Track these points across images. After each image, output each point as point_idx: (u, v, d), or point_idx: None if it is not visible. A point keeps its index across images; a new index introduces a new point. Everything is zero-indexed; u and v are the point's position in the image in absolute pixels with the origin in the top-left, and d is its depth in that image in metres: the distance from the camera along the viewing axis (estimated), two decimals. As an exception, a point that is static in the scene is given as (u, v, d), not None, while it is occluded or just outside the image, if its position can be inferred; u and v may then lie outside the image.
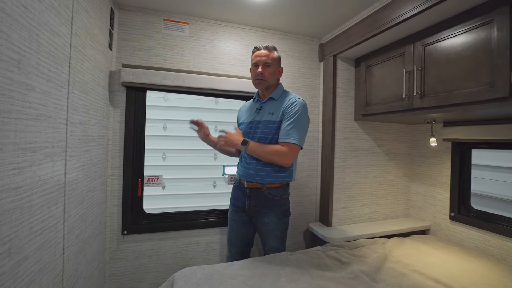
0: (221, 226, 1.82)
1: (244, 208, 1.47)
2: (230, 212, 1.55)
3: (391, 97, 1.59)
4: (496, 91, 1.06)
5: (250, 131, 1.44)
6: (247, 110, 1.54)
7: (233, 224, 1.53)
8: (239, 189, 1.50)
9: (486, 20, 1.11)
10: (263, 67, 1.38)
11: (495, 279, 1.24)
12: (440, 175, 1.87)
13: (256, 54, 1.41)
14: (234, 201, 1.52)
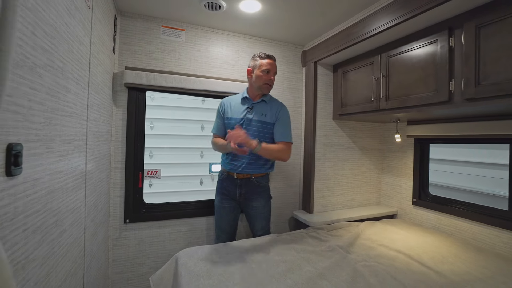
0: (212, 215, 1.98)
1: (234, 196, 1.68)
2: (218, 201, 1.73)
3: (362, 99, 1.85)
4: (439, 96, 1.34)
5: (241, 127, 1.60)
6: (235, 107, 1.68)
7: (223, 211, 1.71)
8: (228, 180, 1.69)
9: (433, 39, 1.39)
10: (273, 75, 1.62)
11: (443, 248, 1.52)
12: (405, 167, 2.17)
13: (269, 62, 1.60)
14: (224, 191, 1.70)
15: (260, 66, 1.60)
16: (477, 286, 1.13)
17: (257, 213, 1.70)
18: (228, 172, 1.68)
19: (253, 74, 1.62)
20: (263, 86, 1.62)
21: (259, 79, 1.61)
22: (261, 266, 1.23)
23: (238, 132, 1.41)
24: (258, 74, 1.60)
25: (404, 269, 1.27)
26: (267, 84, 1.62)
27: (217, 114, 1.74)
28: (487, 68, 1.16)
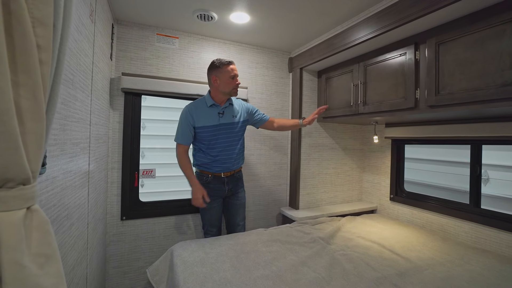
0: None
1: (223, 194, 1.83)
2: (207, 202, 1.78)
3: (343, 104, 2.01)
4: (407, 103, 1.51)
5: (218, 133, 1.73)
6: (206, 115, 1.71)
7: (212, 211, 1.83)
8: (215, 181, 1.79)
9: (402, 52, 1.56)
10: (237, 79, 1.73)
11: (414, 238, 1.70)
12: (383, 166, 2.35)
13: (233, 67, 1.67)
14: (211, 192, 1.77)
15: (226, 72, 1.65)
16: (437, 268, 1.30)
17: (241, 202, 1.91)
18: (214, 174, 1.79)
19: (219, 81, 1.67)
20: (233, 91, 1.71)
21: (228, 85, 1.67)
22: (250, 256, 1.37)
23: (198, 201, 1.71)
24: (227, 81, 1.66)
25: (376, 256, 1.43)
26: (236, 88, 1.72)
27: (184, 123, 1.70)
28: (445, 79, 1.34)
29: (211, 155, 1.75)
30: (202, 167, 1.80)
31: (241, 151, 1.87)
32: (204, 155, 1.77)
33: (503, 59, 1.11)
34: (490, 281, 1.21)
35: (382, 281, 1.17)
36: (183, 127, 1.72)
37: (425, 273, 1.26)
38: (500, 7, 1.14)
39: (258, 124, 1.96)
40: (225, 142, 1.76)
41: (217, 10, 1.72)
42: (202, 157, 1.78)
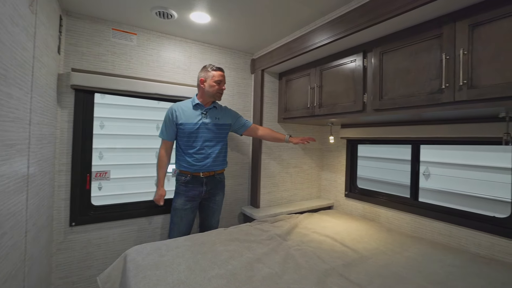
0: (164, 213, 2.07)
1: (200, 195, 1.84)
2: (181, 203, 1.81)
3: (301, 106, 2.10)
4: (356, 106, 1.63)
5: (199, 131, 1.79)
6: (188, 113, 1.81)
7: (183, 213, 1.82)
8: (193, 181, 1.82)
9: (353, 59, 1.67)
10: (224, 85, 1.85)
11: (363, 231, 1.84)
12: (339, 164, 2.50)
13: (221, 74, 1.82)
14: (188, 193, 1.82)
15: (213, 77, 1.79)
16: (379, 257, 1.43)
17: (217, 206, 1.95)
18: (192, 174, 1.80)
19: (206, 83, 1.80)
20: (217, 95, 1.83)
21: (213, 89, 1.80)
22: (206, 256, 1.37)
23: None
24: (212, 84, 1.79)
25: (328, 249, 1.52)
26: (220, 92, 1.83)
27: (167, 120, 1.82)
28: (387, 86, 1.47)
29: (190, 153, 1.79)
30: (181, 167, 1.83)
31: (223, 153, 1.91)
32: (183, 154, 1.81)
33: (431, 70, 1.26)
34: (422, 264, 1.36)
35: (330, 272, 1.25)
36: (166, 124, 1.83)
37: (369, 262, 1.37)
38: (431, 23, 1.29)
39: (242, 130, 2.03)
40: (205, 141, 1.81)
41: (177, 9, 1.69)
42: (182, 155, 1.82)
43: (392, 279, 1.22)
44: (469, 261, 1.41)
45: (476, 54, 1.11)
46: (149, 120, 3.09)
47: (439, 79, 1.21)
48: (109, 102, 2.84)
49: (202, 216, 1.96)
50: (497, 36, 1.06)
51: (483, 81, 1.09)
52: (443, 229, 1.71)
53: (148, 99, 2.04)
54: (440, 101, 1.21)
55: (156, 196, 1.84)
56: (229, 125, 1.95)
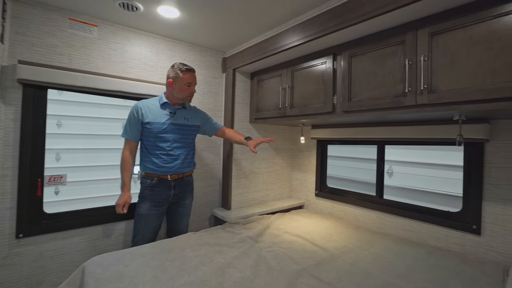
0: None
1: (167, 199, 1.74)
2: (146, 209, 1.69)
3: (273, 106, 2.10)
4: (326, 107, 1.66)
5: (166, 131, 1.69)
6: (155, 112, 1.69)
7: (149, 219, 1.70)
8: (160, 184, 1.71)
9: (323, 61, 1.71)
10: (194, 87, 1.74)
11: (332, 229, 1.88)
12: (310, 164, 2.55)
13: (191, 75, 1.69)
14: (154, 198, 1.70)
15: (182, 79, 1.66)
16: (348, 255, 1.47)
17: (187, 210, 1.87)
18: (159, 176, 1.70)
19: (175, 86, 1.68)
20: (187, 98, 1.74)
21: (183, 92, 1.69)
22: (175, 263, 1.30)
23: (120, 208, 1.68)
24: (181, 87, 1.68)
25: (299, 249, 1.53)
26: (190, 96, 1.75)
27: (132, 119, 1.68)
28: (355, 88, 1.52)
29: (157, 154, 1.68)
30: (147, 169, 1.70)
31: (191, 155, 1.83)
32: (150, 155, 1.69)
33: (396, 75, 1.32)
34: (386, 259, 1.43)
35: (301, 272, 1.26)
36: (130, 122, 1.69)
37: (338, 261, 1.41)
38: (395, 30, 1.35)
39: (212, 132, 1.97)
40: (173, 142, 1.72)
41: (142, 1, 1.59)
42: (147, 156, 1.70)
43: (360, 276, 1.26)
44: (428, 253, 1.51)
45: (435, 61, 1.18)
46: (114, 119, 2.89)
47: (403, 83, 1.28)
48: (68, 99, 2.61)
49: (170, 221, 1.87)
50: (452, 45, 1.14)
51: (441, 87, 1.16)
52: (405, 225, 1.81)
53: (112, 97, 1.90)
54: (404, 104, 1.27)
55: (120, 200, 1.68)
56: (198, 127, 1.87)
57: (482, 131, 1.41)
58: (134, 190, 1.80)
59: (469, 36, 1.09)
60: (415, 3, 1.14)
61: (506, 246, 1.41)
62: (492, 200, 1.46)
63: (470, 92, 1.07)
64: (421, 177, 2.88)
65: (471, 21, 1.09)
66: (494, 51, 1.03)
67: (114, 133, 2.85)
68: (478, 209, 1.50)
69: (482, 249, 1.49)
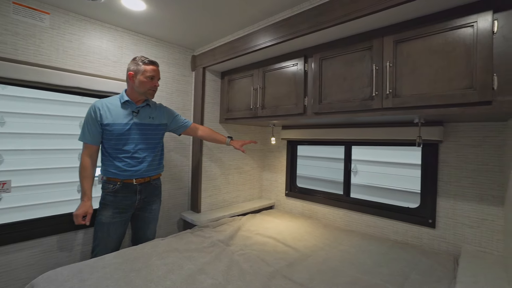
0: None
1: (132, 205, 1.62)
2: (108, 216, 1.56)
3: (244, 106, 2.08)
4: (298, 109, 1.69)
5: (129, 132, 1.56)
6: (116, 112, 1.56)
7: (111, 227, 1.57)
8: (124, 189, 1.58)
9: (295, 62, 1.72)
10: (157, 81, 1.63)
11: (303, 229, 1.92)
12: (280, 164, 2.58)
13: (153, 68, 1.58)
14: (118, 204, 1.57)
15: (144, 71, 1.55)
16: (318, 253, 1.51)
17: (154, 215, 1.76)
18: (123, 181, 1.57)
19: (136, 79, 1.56)
20: (149, 92, 1.61)
21: (144, 85, 1.57)
22: (141, 273, 1.22)
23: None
24: (143, 80, 1.56)
25: (271, 251, 1.53)
26: (152, 90, 1.62)
27: (90, 120, 1.52)
28: (326, 90, 1.55)
29: (120, 158, 1.55)
30: (109, 173, 1.56)
31: (159, 157, 1.73)
32: (112, 159, 1.56)
33: (364, 79, 1.37)
34: (354, 256, 1.49)
35: (274, 274, 1.26)
36: (87, 125, 1.53)
37: (309, 260, 1.43)
38: (364, 36, 1.41)
39: (180, 130, 1.87)
40: (138, 143, 1.59)
41: (102, -11, 1.46)
42: (109, 160, 1.56)
43: (330, 274, 1.29)
44: (389, 247, 1.60)
45: (399, 67, 1.25)
46: (70, 117, 2.65)
47: (370, 87, 1.34)
48: (13, 94, 2.33)
49: (136, 228, 1.74)
50: (414, 53, 1.22)
51: (404, 91, 1.24)
52: (369, 221, 1.91)
53: (68, 93, 1.72)
54: (371, 107, 1.33)
55: (79, 210, 1.50)
56: (165, 125, 1.76)
57: (437, 133, 1.54)
58: (94, 194, 1.66)
59: (428, 46, 1.17)
60: (380, 11, 1.20)
61: (455, 237, 1.56)
62: (444, 196, 1.60)
63: (430, 97, 1.16)
64: (382, 175, 3.07)
65: (430, 32, 1.17)
66: (450, 60, 1.12)
67: (70, 132, 2.61)
68: (433, 204, 1.63)
69: (436, 241, 1.62)
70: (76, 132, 2.44)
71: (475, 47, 1.06)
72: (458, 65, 1.10)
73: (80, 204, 1.52)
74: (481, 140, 1.49)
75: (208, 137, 1.95)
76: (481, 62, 1.04)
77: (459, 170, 1.56)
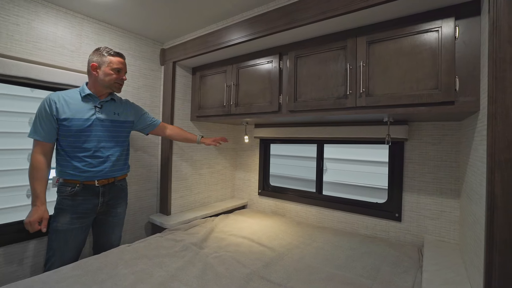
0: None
1: (94, 209, 1.47)
2: (66, 222, 1.39)
3: (217, 104, 2.01)
4: (272, 106, 1.67)
5: (91, 129, 1.42)
6: (76, 106, 1.40)
7: (69, 235, 1.40)
8: (85, 192, 1.43)
9: (270, 60, 1.71)
10: (125, 75, 1.51)
11: (277, 227, 1.91)
12: (253, 163, 2.55)
13: (119, 60, 1.47)
14: (76, 208, 1.41)
15: (109, 63, 1.44)
16: (294, 251, 1.50)
17: (119, 219, 1.63)
18: (83, 182, 1.41)
19: (100, 70, 1.43)
20: (115, 85, 1.49)
21: (109, 78, 1.44)
22: (105, 285, 1.10)
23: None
24: (108, 72, 1.43)
25: (247, 251, 1.49)
26: (119, 83, 1.50)
27: (44, 114, 1.35)
28: (301, 88, 1.56)
29: (79, 157, 1.40)
30: (67, 175, 1.39)
31: (124, 156, 1.60)
32: (69, 158, 1.40)
33: (338, 77, 1.40)
34: (328, 252, 1.51)
35: (251, 276, 1.22)
36: (40, 119, 1.36)
37: (285, 259, 1.42)
38: (338, 35, 1.43)
39: (148, 129, 1.75)
40: (101, 141, 1.45)
41: (57, -33, 1.30)
42: (66, 160, 1.40)
43: (306, 272, 1.29)
44: (360, 242, 1.66)
45: (372, 67, 1.29)
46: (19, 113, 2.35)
47: (344, 86, 1.36)
48: None
49: (98, 234, 1.58)
50: (385, 54, 1.27)
51: (376, 91, 1.28)
52: (341, 217, 1.96)
53: (14, 84, 1.50)
54: (345, 106, 1.36)
55: (33, 216, 1.30)
56: (131, 123, 1.63)
57: (403, 131, 1.63)
58: (49, 198, 1.47)
59: (399, 47, 1.23)
60: (353, 12, 1.23)
61: (418, 228, 1.66)
62: (409, 191, 1.70)
63: (400, 97, 1.21)
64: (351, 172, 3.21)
65: (400, 34, 1.23)
66: (417, 62, 1.18)
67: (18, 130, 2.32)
68: (399, 199, 1.72)
69: (402, 233, 1.72)
70: (25, 130, 2.17)
71: (440, 50, 1.13)
72: (425, 67, 1.16)
73: (32, 210, 1.32)
74: (441, 138, 1.61)
75: (177, 136, 1.85)
76: (445, 64, 1.11)
77: (421, 166, 1.66)
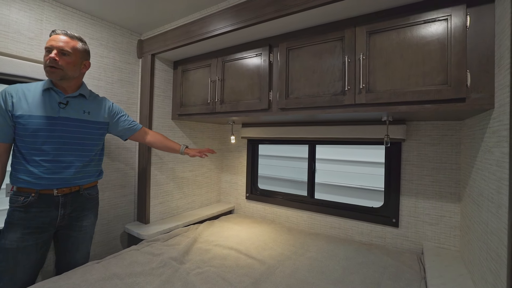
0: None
1: (52, 223, 1.25)
2: (15, 239, 1.17)
3: (200, 101, 1.84)
4: (262, 104, 1.52)
5: (52, 128, 1.21)
6: (35, 101, 1.19)
7: (21, 254, 1.18)
8: (40, 203, 1.21)
9: (258, 52, 1.55)
10: (58, 54, 1.18)
11: (266, 235, 1.76)
12: (240, 165, 2.39)
13: (51, 38, 1.20)
14: (30, 222, 1.19)
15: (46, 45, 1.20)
16: (285, 264, 1.36)
17: (85, 234, 1.40)
18: (39, 191, 1.20)
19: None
20: (47, 70, 1.18)
21: (44, 62, 1.19)
22: (61, 316, 0.91)
23: None
24: (44, 55, 1.19)
25: (233, 266, 1.33)
26: (51, 66, 1.17)
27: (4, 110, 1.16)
28: (293, 84, 1.41)
29: (35, 161, 1.19)
30: (20, 182, 1.18)
31: (95, 162, 1.39)
32: (24, 162, 1.19)
33: (334, 72, 1.27)
34: (323, 263, 1.38)
35: (239, 298, 1.06)
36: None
37: (276, 273, 1.27)
38: (335, 25, 1.30)
39: (127, 133, 1.51)
40: (64, 143, 1.24)
41: None
42: (21, 164, 1.19)
43: None
44: (356, 250, 1.54)
45: (372, 60, 1.17)
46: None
47: (342, 81, 1.23)
48: None
49: (61, 251, 1.36)
50: (387, 46, 1.15)
51: (378, 87, 1.15)
52: (334, 223, 1.84)
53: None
54: (343, 103, 1.23)
55: None
56: (104, 124, 1.41)
57: (401, 131, 1.52)
58: None
59: (402, 38, 1.11)
60: (354, -3, 1.09)
61: (417, 235, 1.56)
62: (407, 195, 1.60)
63: (404, 93, 1.09)
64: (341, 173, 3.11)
65: (404, 24, 1.10)
66: (424, 54, 1.06)
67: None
68: (397, 203, 1.62)
69: (399, 240, 1.61)
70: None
71: (450, 41, 1.01)
72: (432, 60, 1.05)
73: None
74: (440, 138, 1.51)
75: (159, 144, 1.62)
76: (455, 57, 1.00)
77: (420, 169, 1.57)
